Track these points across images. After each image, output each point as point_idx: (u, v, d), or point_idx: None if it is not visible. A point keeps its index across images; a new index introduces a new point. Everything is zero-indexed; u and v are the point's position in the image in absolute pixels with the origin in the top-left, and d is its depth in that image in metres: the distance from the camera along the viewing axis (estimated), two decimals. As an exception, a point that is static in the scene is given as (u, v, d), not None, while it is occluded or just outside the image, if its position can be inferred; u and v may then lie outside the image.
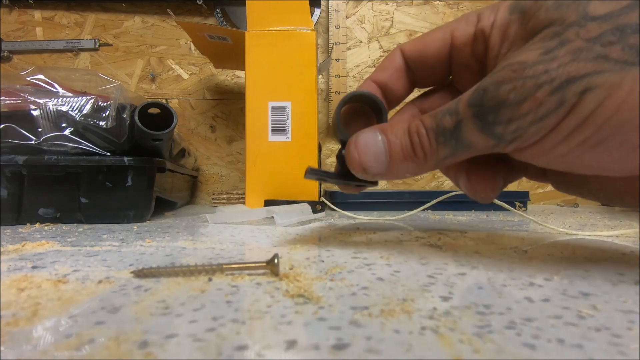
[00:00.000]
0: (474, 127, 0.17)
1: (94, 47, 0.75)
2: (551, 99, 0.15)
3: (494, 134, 0.17)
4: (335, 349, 0.10)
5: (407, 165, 0.20)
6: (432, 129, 0.18)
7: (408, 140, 0.19)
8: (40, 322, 0.12)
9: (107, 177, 0.38)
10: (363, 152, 0.20)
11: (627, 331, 0.12)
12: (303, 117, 0.50)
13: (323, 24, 0.77)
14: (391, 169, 0.20)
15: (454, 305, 0.14)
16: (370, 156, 0.20)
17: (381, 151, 0.20)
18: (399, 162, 0.20)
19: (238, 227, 0.36)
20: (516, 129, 0.16)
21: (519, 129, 0.16)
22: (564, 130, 0.16)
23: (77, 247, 0.25)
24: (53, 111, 0.37)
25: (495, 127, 0.17)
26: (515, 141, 0.17)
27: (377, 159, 0.20)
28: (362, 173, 0.20)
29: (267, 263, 0.18)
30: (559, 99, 0.15)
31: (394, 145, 0.20)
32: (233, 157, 0.76)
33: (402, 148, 0.19)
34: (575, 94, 0.15)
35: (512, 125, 0.16)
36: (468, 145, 0.18)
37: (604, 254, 0.24)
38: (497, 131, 0.17)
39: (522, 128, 0.16)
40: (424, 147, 0.19)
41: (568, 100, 0.15)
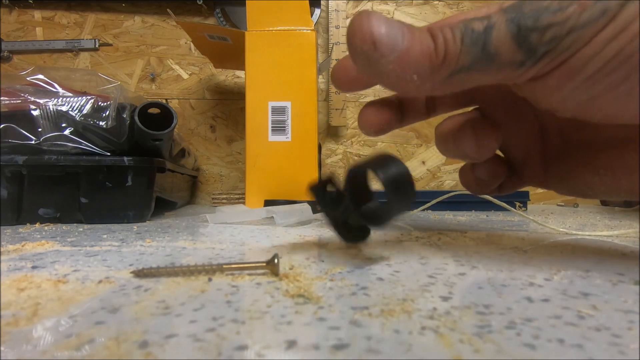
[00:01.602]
0: (507, 33, 0.15)
1: (94, 47, 0.75)
2: (595, 6, 0.14)
3: (526, 42, 0.15)
4: (335, 349, 0.10)
5: (421, 62, 0.16)
6: (460, 29, 0.16)
7: (428, 35, 0.16)
8: (40, 322, 0.12)
9: (107, 177, 0.38)
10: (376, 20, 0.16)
11: (627, 331, 0.12)
12: (303, 117, 0.50)
13: (323, 24, 0.77)
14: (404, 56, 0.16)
15: (454, 305, 0.14)
16: (386, 31, 0.16)
17: (399, 34, 0.16)
18: (416, 53, 0.16)
19: (238, 227, 0.36)
20: (552, 38, 0.15)
21: (555, 38, 0.15)
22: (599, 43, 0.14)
23: (77, 247, 0.25)
24: (53, 111, 0.37)
25: (530, 33, 0.15)
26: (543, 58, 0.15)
27: (393, 38, 0.16)
28: (370, 48, 0.16)
29: (267, 263, 0.18)
30: (603, 7, 0.14)
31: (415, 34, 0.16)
32: (233, 157, 0.76)
33: (423, 39, 0.16)
34: (617, 4, 0.14)
35: (549, 32, 0.15)
36: (492, 56, 0.16)
37: (604, 254, 0.24)
38: (532, 39, 0.15)
39: (559, 37, 0.15)
40: (447, 45, 0.16)
41: (611, 9, 0.14)
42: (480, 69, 0.16)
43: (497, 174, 0.24)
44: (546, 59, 0.15)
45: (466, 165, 0.25)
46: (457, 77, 0.17)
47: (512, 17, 0.15)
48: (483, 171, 0.24)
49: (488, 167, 0.24)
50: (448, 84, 0.17)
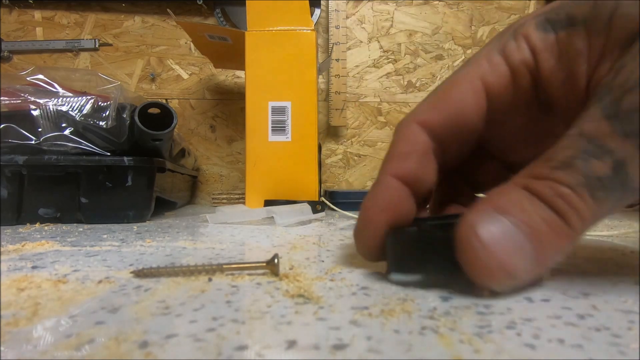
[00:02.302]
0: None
1: (94, 47, 0.75)
2: None
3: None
4: (335, 349, 0.10)
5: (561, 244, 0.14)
6: (581, 184, 0.13)
7: (547, 209, 0.13)
8: (40, 322, 0.12)
9: (107, 177, 0.38)
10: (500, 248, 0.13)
11: (627, 331, 0.12)
12: (303, 117, 0.50)
13: (323, 24, 0.77)
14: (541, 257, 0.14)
15: (454, 305, 0.14)
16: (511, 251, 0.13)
17: (520, 238, 0.13)
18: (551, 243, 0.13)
19: (238, 227, 0.36)
20: None
21: None
22: None
23: (77, 247, 0.25)
24: (53, 111, 0.37)
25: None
26: None
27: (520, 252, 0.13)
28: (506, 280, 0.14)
29: (267, 263, 0.18)
30: None
31: (533, 223, 0.13)
32: (233, 157, 0.76)
33: (548, 222, 0.13)
34: None
35: None
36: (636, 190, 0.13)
37: (604, 254, 0.24)
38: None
39: None
40: (579, 212, 0.13)
41: None
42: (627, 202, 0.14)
43: None
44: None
45: None
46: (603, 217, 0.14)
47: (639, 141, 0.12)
48: None
49: None
50: None
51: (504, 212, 0.14)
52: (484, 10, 0.77)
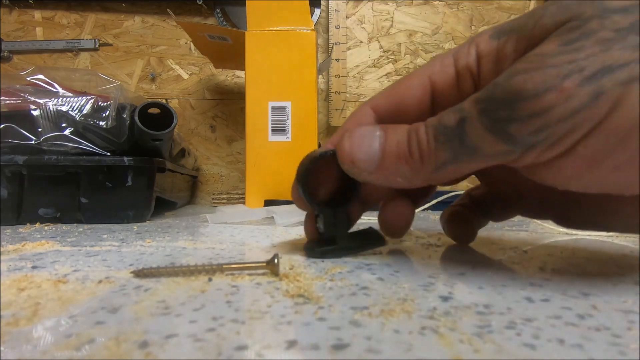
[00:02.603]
0: (481, 127, 0.15)
1: (94, 47, 0.75)
2: (583, 90, 0.13)
3: (506, 135, 0.14)
4: (335, 349, 0.10)
5: (400, 167, 0.17)
6: (433, 126, 0.16)
7: (406, 138, 0.17)
8: (40, 322, 0.12)
9: (107, 177, 0.38)
10: (356, 143, 0.18)
11: (627, 331, 0.12)
12: (303, 117, 0.50)
13: (323, 24, 0.77)
14: (382, 167, 0.18)
15: (454, 305, 0.14)
16: (362, 149, 0.18)
17: (375, 146, 0.18)
18: (392, 160, 0.17)
19: (238, 227, 0.36)
20: (539, 128, 0.14)
21: (544, 128, 0.14)
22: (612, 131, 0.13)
23: (77, 247, 0.25)
24: (53, 111, 0.37)
25: (508, 125, 0.14)
26: (537, 146, 0.14)
27: (369, 153, 0.18)
28: (351, 167, 0.18)
29: (267, 263, 0.18)
30: (594, 90, 0.13)
31: (390, 142, 0.17)
32: (233, 157, 0.76)
33: (398, 145, 0.17)
34: (617, 84, 0.13)
35: (532, 122, 0.14)
36: (473, 150, 0.15)
37: (604, 254, 0.24)
38: (511, 131, 0.14)
39: (548, 127, 0.13)
40: (420, 146, 0.16)
41: (609, 91, 0.13)
42: (466, 160, 0.16)
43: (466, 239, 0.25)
44: (541, 147, 0.14)
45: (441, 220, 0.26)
46: (446, 170, 0.16)
47: (483, 107, 0.14)
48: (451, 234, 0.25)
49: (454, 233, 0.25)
50: (439, 176, 0.17)
51: (382, 129, 0.18)
52: (484, 10, 0.77)
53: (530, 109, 0.14)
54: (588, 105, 0.13)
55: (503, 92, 0.14)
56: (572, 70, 0.13)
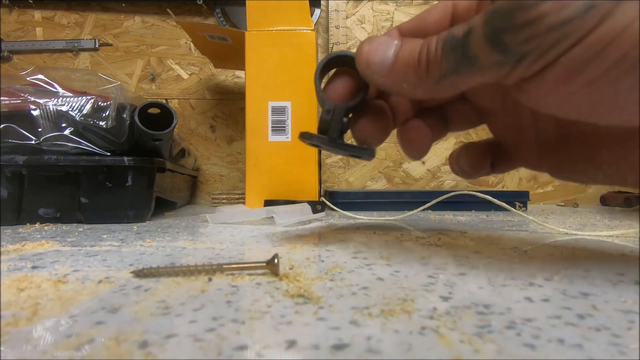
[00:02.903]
0: (482, 36, 0.15)
1: (94, 47, 0.75)
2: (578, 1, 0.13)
3: (501, 43, 0.15)
4: (335, 349, 0.10)
5: (408, 73, 0.18)
6: (443, 37, 0.17)
7: (418, 48, 0.18)
8: (40, 322, 0.12)
9: (107, 177, 0.38)
10: (374, 47, 0.19)
11: (627, 331, 0.12)
12: (303, 117, 0.50)
13: (323, 24, 0.77)
14: (392, 71, 0.19)
15: (454, 305, 0.14)
16: (378, 53, 0.19)
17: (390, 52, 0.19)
18: (402, 67, 0.18)
19: (238, 227, 0.36)
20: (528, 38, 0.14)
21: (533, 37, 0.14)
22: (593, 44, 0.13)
23: (77, 247, 0.25)
24: (53, 111, 0.37)
25: (504, 34, 0.14)
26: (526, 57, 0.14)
27: (383, 57, 0.19)
28: (365, 67, 0.20)
29: (267, 263, 0.18)
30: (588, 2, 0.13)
31: (404, 50, 0.18)
32: (233, 157, 0.76)
33: (410, 53, 0.18)
34: None
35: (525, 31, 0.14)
36: (472, 60, 0.16)
37: (604, 254, 0.24)
38: (505, 40, 0.14)
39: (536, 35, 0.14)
40: (429, 55, 0.17)
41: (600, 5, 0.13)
42: (465, 72, 0.17)
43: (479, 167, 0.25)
44: (529, 58, 0.15)
45: (453, 154, 0.26)
46: (446, 82, 0.17)
47: (488, 18, 0.15)
48: (465, 162, 0.25)
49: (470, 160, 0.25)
50: (439, 88, 0.18)
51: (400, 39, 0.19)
52: (484, 10, 0.77)
53: (525, 17, 0.14)
54: (578, 16, 0.13)
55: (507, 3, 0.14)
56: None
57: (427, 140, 0.24)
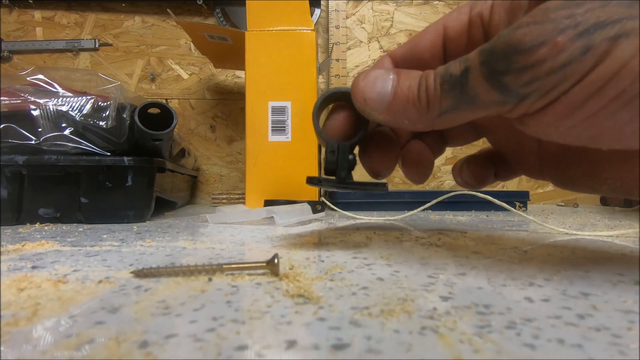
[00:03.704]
0: (480, 76, 0.15)
1: (94, 47, 0.75)
2: (574, 44, 0.13)
3: (501, 85, 0.15)
4: (335, 349, 0.10)
5: (408, 109, 0.18)
6: (440, 74, 0.17)
7: (417, 84, 0.18)
8: (40, 322, 0.12)
9: (107, 177, 0.38)
10: (370, 83, 0.19)
11: (627, 331, 0.12)
12: (303, 117, 0.50)
13: (323, 24, 0.77)
14: (391, 108, 0.19)
15: (454, 305, 0.14)
16: (375, 89, 0.19)
17: (387, 87, 0.19)
18: (401, 103, 0.18)
19: (238, 227, 0.36)
20: (530, 80, 0.14)
21: (534, 80, 0.14)
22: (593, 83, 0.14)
23: (77, 247, 0.25)
24: (53, 111, 0.37)
25: (504, 76, 0.15)
26: (528, 98, 0.15)
27: (380, 93, 0.19)
28: (362, 104, 0.19)
29: (267, 263, 0.18)
30: (584, 45, 0.13)
31: (402, 85, 0.18)
32: (233, 157, 0.76)
33: (409, 89, 0.18)
34: (606, 40, 0.13)
35: (525, 74, 0.14)
36: (472, 98, 0.16)
37: (604, 254, 0.24)
38: (506, 82, 0.15)
39: (538, 79, 0.14)
40: (428, 92, 0.17)
41: (597, 46, 0.13)
42: (466, 108, 0.17)
43: (482, 179, 0.25)
44: (531, 98, 0.15)
45: (456, 168, 0.26)
46: (447, 116, 0.17)
47: (485, 58, 0.15)
48: (469, 176, 0.25)
49: (473, 173, 0.25)
50: (441, 122, 0.18)
51: (395, 72, 0.19)
52: (484, 10, 0.77)
53: (524, 61, 0.14)
54: (576, 59, 0.14)
55: (504, 44, 0.15)
56: (568, 25, 0.14)
57: (429, 162, 0.24)
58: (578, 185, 0.21)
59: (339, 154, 0.22)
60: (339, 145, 0.22)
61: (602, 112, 0.14)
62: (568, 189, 0.22)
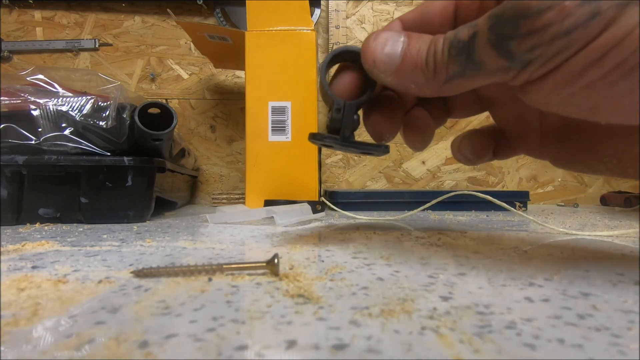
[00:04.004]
0: (487, 42, 0.15)
1: (94, 47, 0.75)
2: (581, 9, 0.13)
3: (506, 50, 0.15)
4: (335, 349, 0.10)
5: (415, 74, 0.18)
6: (449, 39, 0.17)
7: (426, 48, 0.18)
8: (40, 322, 0.12)
9: (107, 177, 0.38)
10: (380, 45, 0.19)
11: (627, 331, 0.12)
12: (303, 117, 0.50)
13: (323, 24, 0.77)
14: (399, 71, 0.18)
15: (454, 305, 0.14)
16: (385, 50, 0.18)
17: (397, 50, 0.18)
18: (409, 67, 0.18)
19: (238, 227, 0.36)
20: (535, 45, 0.14)
21: (539, 46, 0.14)
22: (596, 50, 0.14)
23: (77, 247, 0.25)
24: (53, 111, 0.37)
25: (509, 42, 0.15)
26: (531, 64, 0.15)
27: (390, 55, 0.18)
28: (371, 66, 0.19)
29: (267, 263, 0.18)
30: (592, 10, 0.13)
31: (411, 49, 0.18)
32: (233, 157, 0.76)
33: (418, 54, 0.18)
34: (614, 6, 0.13)
35: (530, 39, 0.14)
36: (478, 65, 0.16)
37: (604, 254, 0.24)
38: (511, 47, 0.15)
39: (541, 44, 0.14)
40: (436, 57, 0.17)
41: (604, 12, 0.13)
42: (471, 75, 0.17)
43: (481, 154, 0.25)
44: (534, 65, 0.15)
45: (455, 142, 0.26)
46: (453, 83, 0.17)
47: (493, 23, 0.15)
48: (468, 150, 0.25)
49: (473, 147, 0.25)
50: (447, 88, 0.18)
51: (407, 35, 0.19)
52: (484, 10, 0.77)
53: (530, 26, 0.14)
54: (583, 25, 0.13)
55: (511, 9, 0.14)
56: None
57: (431, 130, 0.24)
58: (576, 163, 0.21)
59: (345, 112, 0.22)
60: (345, 104, 0.22)
61: (602, 81, 0.14)
62: (566, 168, 0.22)
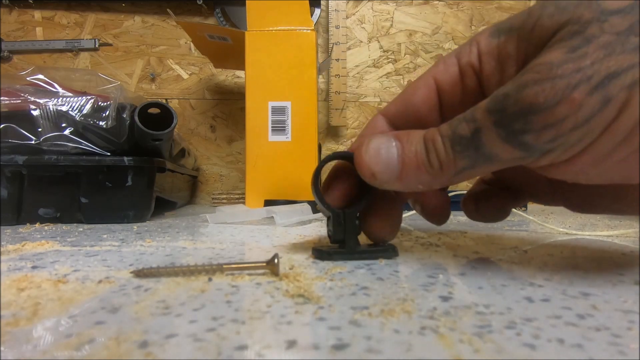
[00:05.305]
0: (497, 137, 0.15)
1: (94, 47, 0.75)
2: (592, 98, 0.14)
3: (522, 144, 0.15)
4: (335, 349, 0.10)
5: (420, 176, 0.18)
6: (448, 136, 0.17)
7: (423, 148, 0.18)
8: (40, 322, 0.12)
9: (107, 177, 0.38)
10: (373, 156, 0.18)
11: (627, 331, 0.12)
12: (303, 117, 0.50)
13: (323, 24, 0.77)
14: (403, 177, 0.18)
15: (454, 305, 0.14)
16: (380, 160, 0.18)
17: (393, 157, 0.18)
18: (412, 171, 0.18)
19: (238, 227, 0.36)
20: (554, 138, 0.14)
21: (558, 137, 0.14)
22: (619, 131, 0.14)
23: (77, 247, 0.25)
24: (53, 111, 0.37)
25: (523, 136, 0.15)
26: (552, 152, 0.15)
27: (388, 165, 0.18)
28: (372, 179, 0.19)
29: (267, 263, 0.18)
30: (603, 97, 0.13)
31: (407, 152, 0.18)
32: (233, 157, 0.76)
33: (417, 155, 0.18)
34: (623, 89, 0.13)
35: (547, 133, 0.14)
36: (490, 157, 0.16)
37: (604, 254, 0.24)
38: (527, 141, 0.15)
39: (562, 136, 0.14)
40: (439, 156, 0.17)
41: (616, 97, 0.13)
42: (483, 165, 0.17)
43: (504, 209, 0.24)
44: (556, 152, 0.15)
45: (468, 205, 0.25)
46: (465, 173, 0.17)
47: (497, 119, 0.15)
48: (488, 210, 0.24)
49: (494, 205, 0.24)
50: (458, 179, 0.18)
51: (396, 138, 0.18)
52: (484, 10, 0.77)
53: (544, 121, 0.14)
54: (598, 112, 0.14)
55: (516, 104, 0.15)
56: (580, 80, 0.14)
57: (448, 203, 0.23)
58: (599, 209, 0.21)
59: (346, 223, 0.21)
60: (344, 214, 0.21)
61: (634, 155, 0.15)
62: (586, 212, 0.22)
